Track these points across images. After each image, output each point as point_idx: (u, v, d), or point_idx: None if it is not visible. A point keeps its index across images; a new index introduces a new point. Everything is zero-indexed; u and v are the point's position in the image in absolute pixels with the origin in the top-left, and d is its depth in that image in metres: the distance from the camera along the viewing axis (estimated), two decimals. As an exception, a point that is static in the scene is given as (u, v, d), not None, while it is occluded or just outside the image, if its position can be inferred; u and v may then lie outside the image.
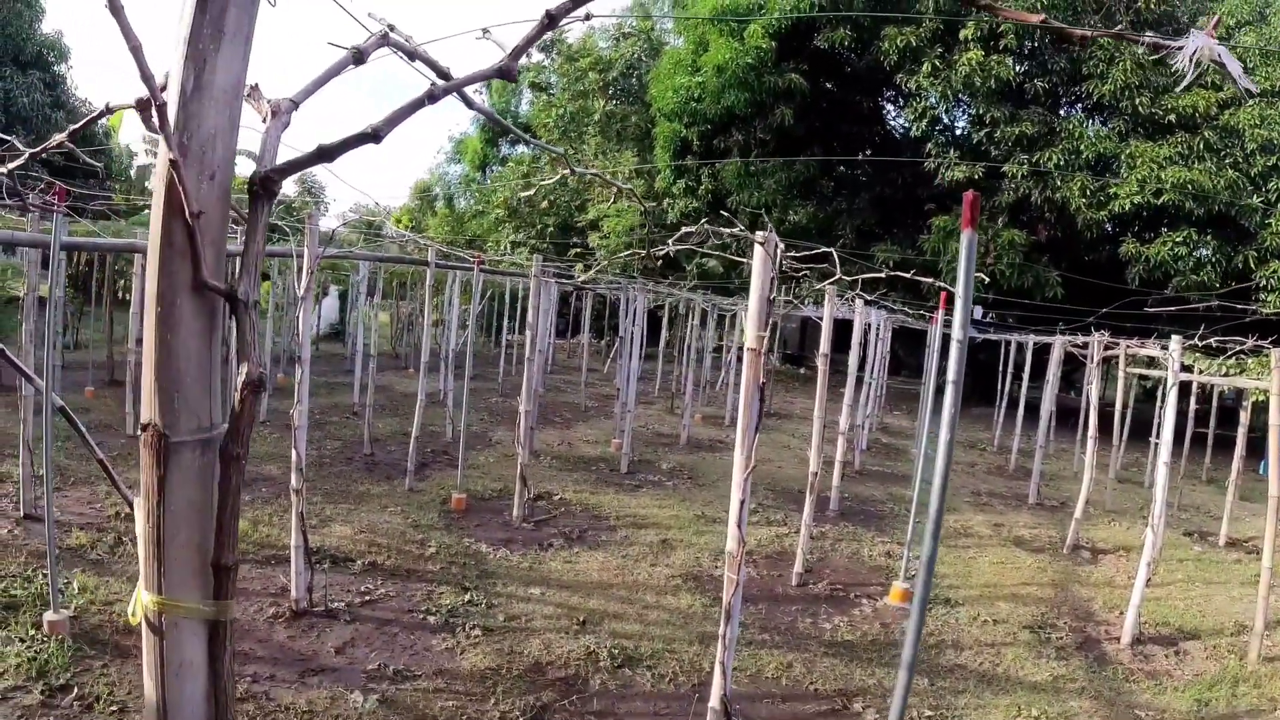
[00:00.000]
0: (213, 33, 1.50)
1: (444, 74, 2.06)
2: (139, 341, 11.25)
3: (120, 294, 16.79)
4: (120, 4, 1.47)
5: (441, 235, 34.29)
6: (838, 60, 23.03)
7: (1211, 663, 6.28)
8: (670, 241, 4.73)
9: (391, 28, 2.11)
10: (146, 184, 35.59)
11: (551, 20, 1.82)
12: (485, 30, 2.79)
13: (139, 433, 1.64)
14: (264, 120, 1.76)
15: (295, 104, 1.79)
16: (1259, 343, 9.18)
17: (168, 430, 1.58)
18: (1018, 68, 20.36)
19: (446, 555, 6.72)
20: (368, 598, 5.67)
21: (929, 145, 21.27)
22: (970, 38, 19.55)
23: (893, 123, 26.83)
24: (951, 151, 21.08)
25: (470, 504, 8.23)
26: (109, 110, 2.42)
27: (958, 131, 22.85)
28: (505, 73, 1.86)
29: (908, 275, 6.41)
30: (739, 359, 14.91)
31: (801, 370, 28.21)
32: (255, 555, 6.20)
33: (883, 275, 6.95)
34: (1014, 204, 20.19)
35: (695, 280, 20.16)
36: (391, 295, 25.77)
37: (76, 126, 2.65)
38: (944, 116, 22.36)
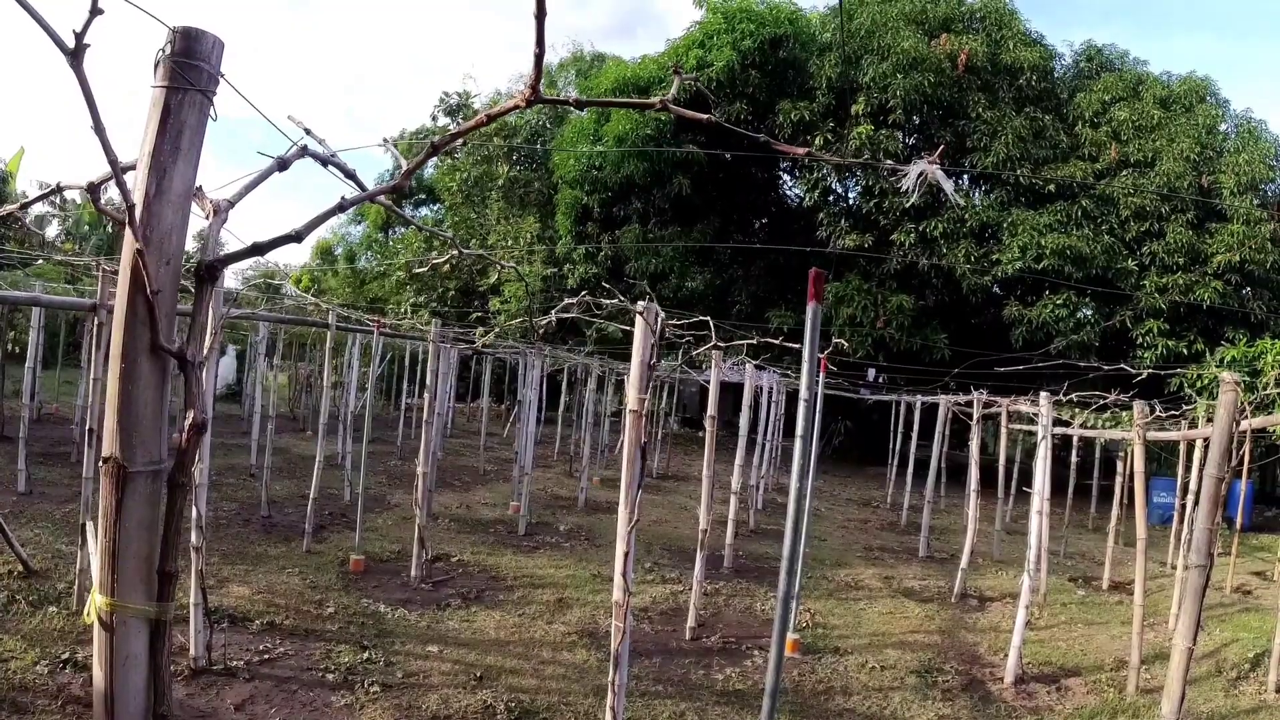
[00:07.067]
0: (171, 149, 1.86)
1: (352, 175, 2.56)
2: (33, 396, 10.72)
3: (11, 348, 15.70)
4: (103, 124, 1.74)
5: (342, 296, 33.70)
6: (734, 132, 23.73)
7: (1092, 696, 6.45)
8: (553, 312, 4.90)
9: (308, 131, 2.55)
10: (52, 236, 34.33)
11: (434, 149, 2.20)
12: (385, 140, 3.48)
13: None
14: (207, 217, 2.12)
15: (231, 204, 2.16)
16: (1119, 396, 9.67)
17: (126, 462, 1.88)
18: (906, 140, 21.39)
19: (344, 615, 6.60)
20: (266, 656, 5.56)
21: (821, 215, 22.05)
22: (860, 113, 20.51)
23: (787, 193, 27.78)
24: (843, 221, 21.89)
25: (368, 565, 8.08)
26: (60, 189, 2.89)
27: (849, 202, 23.74)
28: (398, 189, 2.33)
29: (776, 342, 6.67)
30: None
31: (700, 434, 28.41)
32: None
33: (753, 342, 7.21)
34: (903, 270, 21.02)
35: (594, 345, 20.21)
36: (290, 356, 25.07)
37: (29, 201, 3.29)
38: (836, 187, 23.26)
